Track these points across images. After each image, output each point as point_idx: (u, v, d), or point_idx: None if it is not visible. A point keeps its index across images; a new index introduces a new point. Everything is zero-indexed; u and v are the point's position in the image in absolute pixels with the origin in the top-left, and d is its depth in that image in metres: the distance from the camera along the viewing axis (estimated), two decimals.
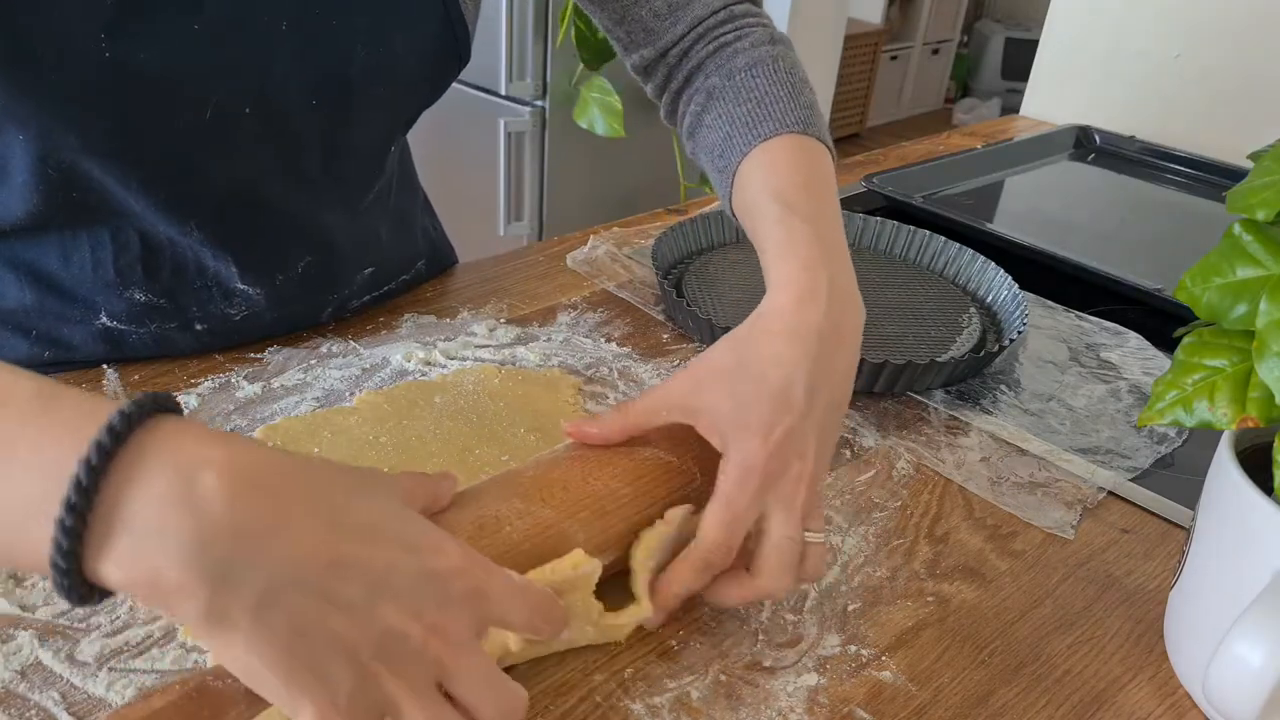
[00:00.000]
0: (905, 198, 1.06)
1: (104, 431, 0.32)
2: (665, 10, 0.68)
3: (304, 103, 0.62)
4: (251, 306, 0.69)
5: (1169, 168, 1.27)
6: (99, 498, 0.32)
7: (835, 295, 0.52)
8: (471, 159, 2.38)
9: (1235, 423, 0.44)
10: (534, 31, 2.17)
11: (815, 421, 0.49)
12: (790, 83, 0.65)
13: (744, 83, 0.65)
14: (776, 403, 0.48)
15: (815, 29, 2.55)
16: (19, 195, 0.60)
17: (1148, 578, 0.57)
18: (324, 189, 0.68)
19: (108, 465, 0.32)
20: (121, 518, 0.32)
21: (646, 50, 0.70)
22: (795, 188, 0.59)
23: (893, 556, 0.57)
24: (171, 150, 0.60)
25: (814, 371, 0.49)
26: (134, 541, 0.32)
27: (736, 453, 0.48)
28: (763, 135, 0.62)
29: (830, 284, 0.52)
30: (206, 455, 0.33)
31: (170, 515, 0.32)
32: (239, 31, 0.58)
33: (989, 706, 0.48)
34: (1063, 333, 0.84)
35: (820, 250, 0.54)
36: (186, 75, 0.57)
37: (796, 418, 0.48)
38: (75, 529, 0.31)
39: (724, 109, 0.65)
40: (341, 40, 0.61)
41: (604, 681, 0.47)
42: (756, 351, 0.50)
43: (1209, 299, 0.46)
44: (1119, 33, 1.36)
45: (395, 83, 0.66)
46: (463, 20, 0.66)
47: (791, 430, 0.48)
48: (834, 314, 0.51)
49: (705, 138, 0.67)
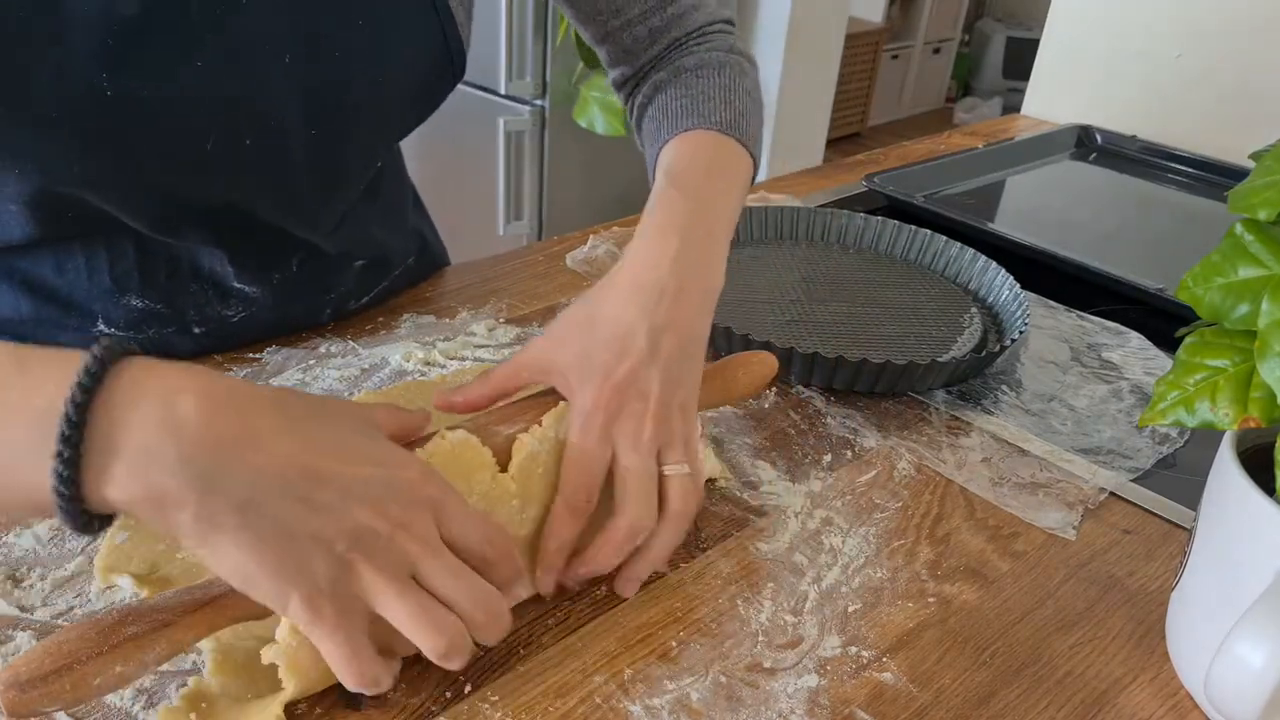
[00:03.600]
0: (906, 197, 1.06)
1: (82, 373, 0.36)
2: (646, 35, 0.72)
3: (303, 130, 0.62)
4: (249, 306, 0.69)
5: (1170, 167, 1.27)
6: (88, 430, 0.36)
7: (683, 257, 0.55)
8: (471, 158, 2.38)
9: (1237, 423, 0.44)
10: (534, 31, 2.17)
11: (659, 366, 0.52)
12: (730, 88, 0.68)
13: (686, 80, 0.69)
14: (616, 349, 0.51)
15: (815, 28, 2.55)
16: (14, 220, 0.60)
17: (1149, 578, 0.57)
18: (317, 202, 0.68)
19: (91, 401, 0.36)
20: (111, 444, 0.36)
21: (625, 68, 0.74)
22: (690, 170, 0.62)
23: (894, 557, 0.57)
24: (171, 178, 0.59)
25: (655, 322, 0.52)
26: (126, 463, 0.36)
27: (579, 397, 0.51)
28: (685, 128, 0.66)
29: (680, 246, 0.55)
30: (179, 383, 0.38)
31: (154, 435, 0.36)
32: (241, 65, 0.57)
33: (990, 708, 0.48)
34: (1064, 333, 0.84)
35: (682, 218, 0.58)
36: (189, 109, 0.57)
37: (636, 362, 0.51)
38: (72, 459, 0.35)
39: (662, 101, 0.69)
40: (341, 68, 0.61)
41: (603, 683, 0.47)
42: (600, 307, 0.53)
43: (1211, 299, 0.46)
44: (1120, 32, 1.36)
45: (392, 104, 0.66)
46: (459, 39, 0.66)
47: (633, 372, 0.51)
48: (679, 273, 0.54)
49: (645, 127, 0.71)
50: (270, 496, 0.38)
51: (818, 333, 0.78)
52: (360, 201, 0.73)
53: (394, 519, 0.40)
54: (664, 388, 0.51)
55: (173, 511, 0.37)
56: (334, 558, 0.39)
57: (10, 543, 0.52)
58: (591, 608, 0.52)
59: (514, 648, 0.49)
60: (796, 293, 0.83)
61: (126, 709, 0.44)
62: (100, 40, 0.53)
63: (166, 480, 0.36)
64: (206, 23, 0.56)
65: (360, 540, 0.39)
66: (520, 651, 0.49)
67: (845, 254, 0.91)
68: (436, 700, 0.45)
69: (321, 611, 0.39)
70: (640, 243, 0.56)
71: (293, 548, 0.38)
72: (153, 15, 0.54)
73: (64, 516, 0.36)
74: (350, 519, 0.39)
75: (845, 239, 0.93)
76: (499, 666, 0.48)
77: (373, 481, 0.40)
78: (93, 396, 0.36)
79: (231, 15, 0.56)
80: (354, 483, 0.40)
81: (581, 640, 0.50)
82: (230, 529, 0.37)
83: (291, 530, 0.38)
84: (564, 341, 0.53)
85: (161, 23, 0.54)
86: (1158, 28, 1.32)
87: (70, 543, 0.52)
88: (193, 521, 0.37)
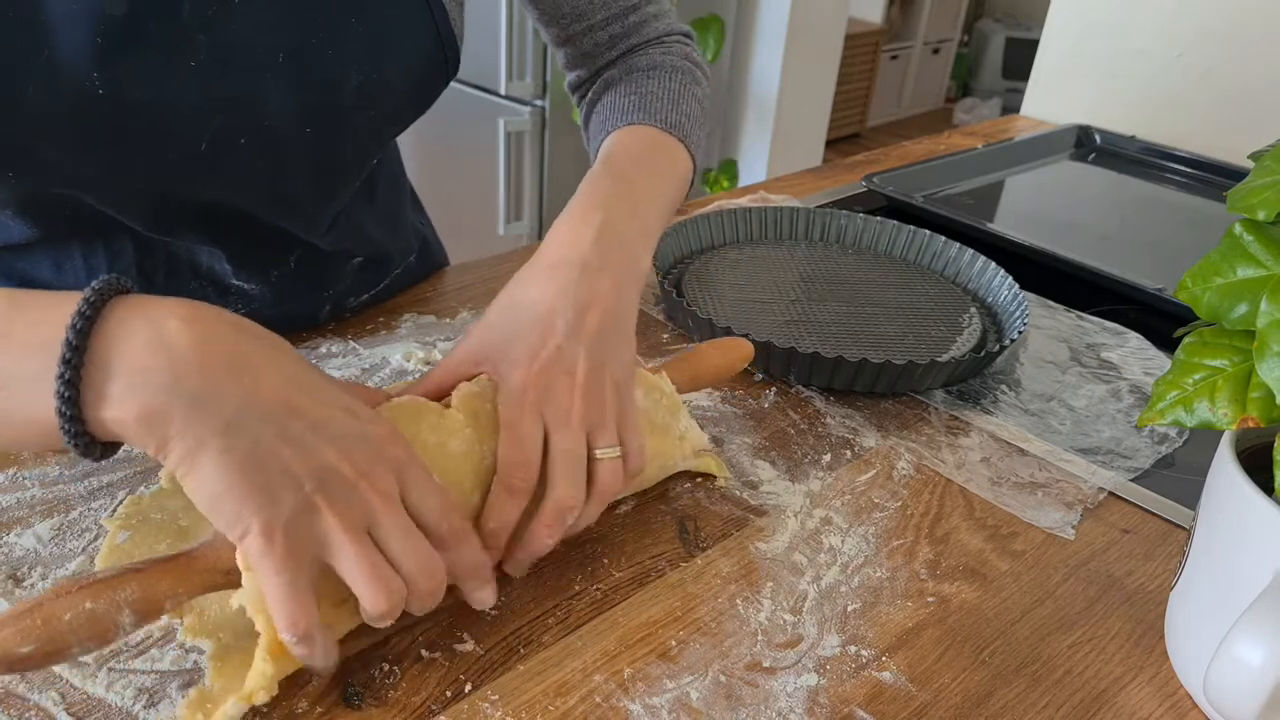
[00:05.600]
0: (905, 198, 1.06)
1: (83, 304, 0.39)
2: (606, 40, 0.74)
3: (298, 130, 0.62)
4: (248, 303, 0.69)
5: (1170, 168, 1.27)
6: (88, 355, 0.39)
7: (605, 234, 0.56)
8: (471, 159, 2.38)
9: (1236, 423, 0.44)
10: (534, 31, 2.17)
11: (584, 343, 0.52)
12: (678, 93, 0.70)
13: (637, 80, 0.72)
14: (539, 329, 0.52)
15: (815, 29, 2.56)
16: (12, 221, 0.61)
17: (1148, 578, 0.57)
18: (313, 200, 0.68)
19: (91, 329, 0.39)
20: (109, 367, 0.39)
21: (583, 71, 0.76)
22: (622, 156, 0.64)
23: (893, 557, 0.57)
24: (166, 178, 0.59)
25: (579, 299, 0.53)
26: (122, 383, 0.39)
27: (506, 381, 0.51)
28: (630, 122, 0.68)
29: (602, 224, 0.56)
30: (173, 310, 0.41)
31: (148, 357, 0.39)
32: (235, 65, 0.57)
33: (989, 707, 0.48)
34: (1063, 333, 0.84)
35: (606, 198, 0.59)
36: (183, 110, 0.57)
37: (561, 339, 0.52)
38: (73, 380, 0.38)
39: (612, 98, 0.71)
40: (337, 68, 0.61)
41: (603, 682, 0.47)
42: (524, 289, 0.54)
43: (1210, 299, 0.46)
44: (1120, 32, 1.36)
45: (386, 104, 0.66)
46: (453, 38, 0.66)
47: (558, 350, 0.51)
48: (601, 249, 0.55)
49: (593, 121, 0.73)
50: (252, 420, 0.40)
51: (818, 333, 0.78)
52: (356, 200, 0.73)
53: (359, 467, 0.42)
54: (590, 363, 0.52)
55: (162, 428, 0.39)
56: (301, 495, 0.41)
57: (11, 542, 0.52)
58: (591, 607, 0.52)
59: (514, 647, 0.49)
60: (796, 293, 0.83)
61: (127, 709, 0.44)
62: (89, 39, 0.52)
63: (159, 398, 0.39)
64: (198, 22, 0.56)
65: (326, 482, 0.41)
66: (520, 651, 0.49)
67: (845, 254, 0.91)
68: (437, 699, 0.46)
69: (274, 544, 0.40)
70: (563, 221, 0.57)
71: (263, 476, 0.40)
72: (143, 14, 0.54)
73: (68, 438, 0.39)
74: (318, 457, 0.41)
75: (845, 239, 0.93)
76: (499, 666, 0.48)
77: (344, 426, 0.43)
78: (92, 324, 0.39)
79: (223, 15, 0.56)
80: (327, 422, 0.42)
81: (581, 639, 0.50)
82: (213, 449, 0.39)
83: (265, 458, 0.40)
84: (491, 331, 0.54)
85: (152, 22, 0.54)
86: (1158, 28, 1.32)
87: (71, 542, 0.53)
88: (179, 439, 0.39)
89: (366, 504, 0.42)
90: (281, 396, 0.41)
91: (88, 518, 0.54)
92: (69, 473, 0.57)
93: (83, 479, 0.57)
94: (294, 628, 0.41)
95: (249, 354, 0.42)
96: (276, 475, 0.40)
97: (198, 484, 0.40)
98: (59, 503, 0.55)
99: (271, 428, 0.40)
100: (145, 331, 0.40)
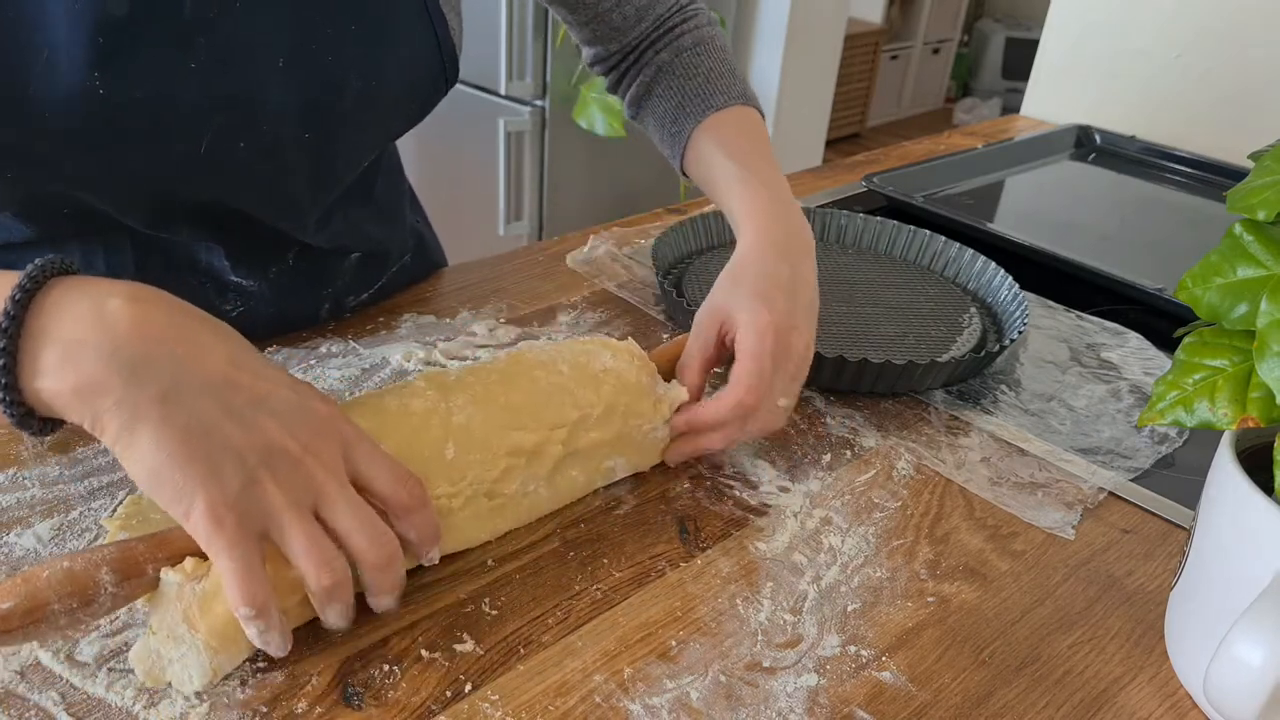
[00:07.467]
0: (906, 197, 1.06)
1: (24, 278, 0.40)
2: (634, 14, 0.77)
3: (297, 131, 0.62)
4: (247, 300, 0.70)
5: (1170, 168, 1.27)
6: (25, 327, 0.40)
7: (791, 240, 0.65)
8: (471, 159, 2.38)
9: (1236, 423, 0.44)
10: (534, 31, 2.17)
11: (801, 311, 0.61)
12: (727, 60, 0.78)
13: (690, 60, 0.77)
14: (770, 286, 0.61)
15: (815, 28, 2.56)
16: (11, 220, 0.61)
17: (1148, 578, 0.57)
18: (310, 201, 0.68)
19: (30, 300, 0.40)
20: (45, 337, 0.40)
21: (611, 45, 0.79)
22: (744, 153, 0.72)
23: (893, 557, 0.57)
24: (165, 178, 0.59)
25: (792, 278, 0.62)
26: (58, 353, 0.40)
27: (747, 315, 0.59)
28: (714, 106, 0.74)
29: (786, 235, 0.65)
30: (113, 289, 0.41)
31: (87, 328, 0.40)
32: (234, 67, 0.57)
33: (989, 707, 0.48)
34: (1063, 333, 0.84)
35: (781, 206, 0.68)
36: (183, 109, 0.57)
37: (787, 300, 0.60)
38: (10, 350, 0.39)
39: (674, 82, 0.77)
40: (336, 71, 0.61)
41: (603, 682, 0.47)
42: (745, 270, 0.63)
43: (1210, 299, 0.46)
44: (1120, 32, 1.36)
45: (385, 107, 0.66)
46: (451, 44, 0.67)
47: (789, 308, 0.60)
48: (793, 254, 0.64)
49: (655, 106, 0.78)
50: (190, 392, 0.40)
51: (818, 332, 0.77)
52: (355, 197, 0.74)
53: (303, 443, 0.42)
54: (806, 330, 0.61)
55: (99, 400, 0.39)
56: (245, 470, 0.41)
57: (11, 542, 0.52)
58: (591, 607, 0.52)
59: (514, 647, 0.49)
60: None
61: (127, 709, 0.44)
62: (89, 38, 0.53)
63: (95, 368, 0.39)
64: (199, 24, 0.56)
65: (270, 458, 0.41)
66: (520, 651, 0.49)
67: (845, 254, 0.91)
68: (437, 699, 0.46)
69: (223, 523, 0.40)
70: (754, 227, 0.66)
71: (205, 448, 0.40)
72: (144, 15, 0.54)
73: (4, 408, 0.40)
74: (261, 433, 0.41)
75: (845, 239, 0.93)
76: (499, 666, 0.48)
77: (287, 402, 0.43)
78: (31, 296, 0.40)
79: (224, 17, 0.56)
80: (268, 397, 0.42)
81: (581, 639, 0.50)
82: (152, 420, 0.39)
83: (207, 430, 0.40)
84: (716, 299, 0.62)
85: (153, 23, 0.54)
86: (1157, 28, 1.32)
87: (71, 543, 0.53)
88: (115, 409, 0.39)
89: (311, 480, 0.42)
90: (222, 370, 0.42)
91: (88, 518, 0.54)
92: (69, 473, 0.57)
93: (83, 479, 0.57)
94: (252, 601, 0.41)
95: (191, 329, 0.42)
96: (218, 449, 0.40)
97: (138, 457, 0.40)
98: (59, 503, 0.55)
99: (212, 400, 0.41)
100: (85, 305, 0.40)
